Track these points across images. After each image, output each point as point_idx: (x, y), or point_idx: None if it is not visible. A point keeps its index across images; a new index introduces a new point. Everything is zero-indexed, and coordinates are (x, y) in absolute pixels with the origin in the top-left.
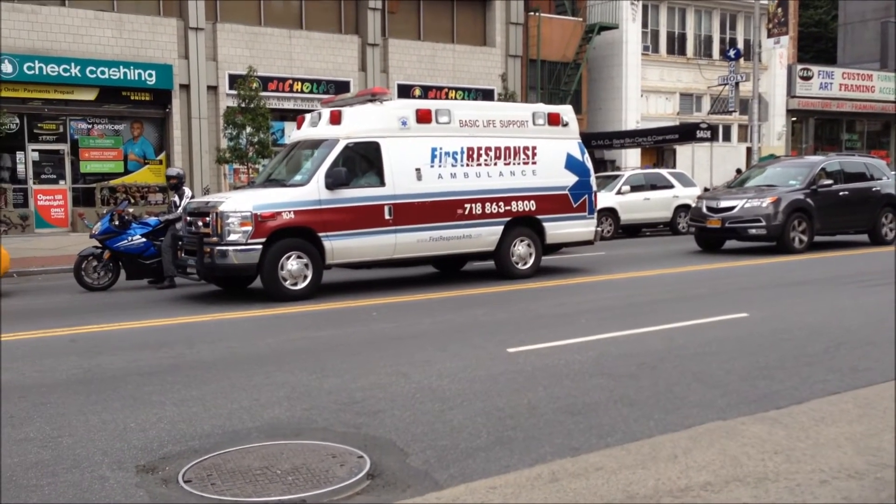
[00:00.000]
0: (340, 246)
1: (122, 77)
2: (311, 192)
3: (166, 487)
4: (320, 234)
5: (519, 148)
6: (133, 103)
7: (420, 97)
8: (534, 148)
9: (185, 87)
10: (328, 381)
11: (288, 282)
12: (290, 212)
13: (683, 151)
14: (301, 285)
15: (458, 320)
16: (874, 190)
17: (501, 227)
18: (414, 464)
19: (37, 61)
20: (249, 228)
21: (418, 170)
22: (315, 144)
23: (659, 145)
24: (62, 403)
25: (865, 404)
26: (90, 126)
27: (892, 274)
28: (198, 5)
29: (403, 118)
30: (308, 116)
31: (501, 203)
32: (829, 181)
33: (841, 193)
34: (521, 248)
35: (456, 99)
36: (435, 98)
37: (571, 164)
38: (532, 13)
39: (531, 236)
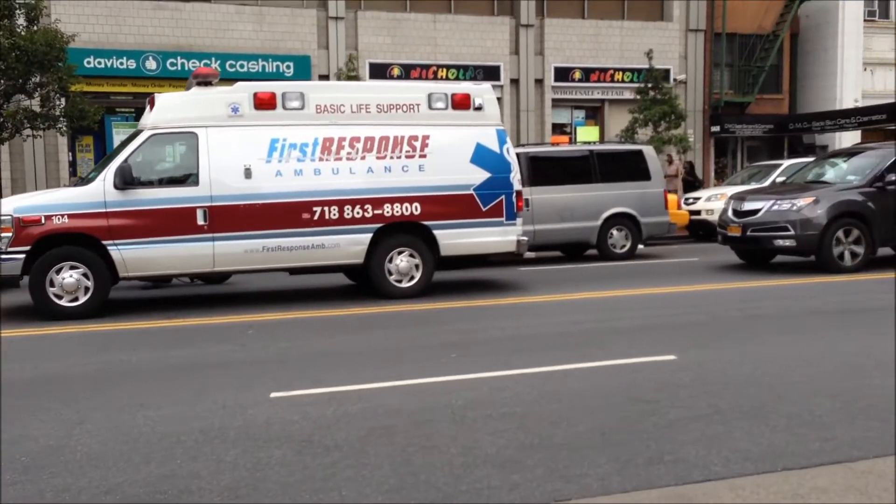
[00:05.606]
0: (135, 256)
1: (260, 70)
2: (96, 192)
3: None
4: (106, 242)
5: (401, 138)
6: None
7: (580, 80)
8: (424, 137)
9: (325, 79)
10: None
11: (64, 299)
12: (62, 216)
13: None
14: (81, 300)
15: (270, 349)
16: None
17: (369, 236)
18: None
19: (179, 57)
20: (10, 235)
21: (248, 166)
22: (133, 136)
23: (865, 127)
24: None
25: None
26: None
27: None
28: None
29: (234, 104)
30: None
31: (369, 206)
32: None
33: None
34: (401, 262)
35: (623, 81)
36: (598, 81)
37: (482, 158)
38: None
39: (416, 246)
